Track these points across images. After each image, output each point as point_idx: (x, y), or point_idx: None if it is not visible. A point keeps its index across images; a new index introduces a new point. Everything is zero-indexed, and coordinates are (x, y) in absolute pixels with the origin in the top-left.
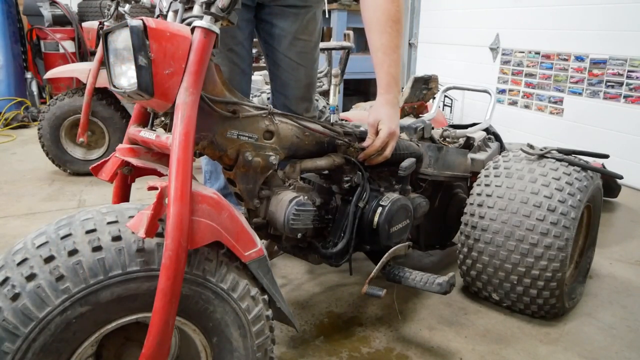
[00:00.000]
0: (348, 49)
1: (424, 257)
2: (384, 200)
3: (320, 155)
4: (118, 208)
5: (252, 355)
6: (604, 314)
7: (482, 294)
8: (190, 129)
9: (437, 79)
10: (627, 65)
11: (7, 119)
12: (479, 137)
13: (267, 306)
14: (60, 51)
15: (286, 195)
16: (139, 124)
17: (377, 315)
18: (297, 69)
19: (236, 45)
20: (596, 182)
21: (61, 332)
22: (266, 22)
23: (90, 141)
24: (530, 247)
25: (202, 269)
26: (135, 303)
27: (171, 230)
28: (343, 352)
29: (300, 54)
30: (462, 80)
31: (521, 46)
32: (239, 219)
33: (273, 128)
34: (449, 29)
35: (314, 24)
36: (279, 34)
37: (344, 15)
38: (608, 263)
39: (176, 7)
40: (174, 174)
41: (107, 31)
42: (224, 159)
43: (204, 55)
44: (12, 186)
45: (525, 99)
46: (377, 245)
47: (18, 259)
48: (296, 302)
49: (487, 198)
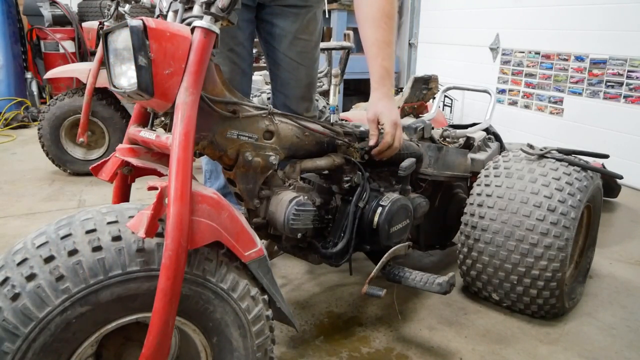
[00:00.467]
0: (348, 49)
1: (424, 257)
2: (384, 200)
3: (320, 155)
4: (118, 208)
5: (252, 355)
6: (604, 314)
7: (482, 294)
8: (190, 129)
9: (437, 79)
10: (627, 65)
11: (7, 119)
12: (479, 137)
13: (267, 306)
14: (60, 51)
15: (286, 195)
16: (139, 124)
17: (377, 315)
18: (297, 68)
19: (237, 46)
20: (596, 182)
21: (61, 332)
22: (267, 22)
23: (90, 141)
24: (530, 247)
25: (202, 269)
26: (135, 303)
27: (171, 230)
28: (343, 352)
29: (301, 53)
30: (462, 80)
31: (521, 46)
32: (239, 219)
33: (273, 128)
34: (449, 29)
35: (315, 24)
36: (279, 33)
37: (344, 15)
38: (608, 263)
39: (176, 7)
40: (174, 174)
41: (107, 31)
42: (224, 159)
43: (204, 55)
44: (12, 186)
45: (525, 99)
46: (377, 245)
47: (18, 259)
48: (296, 302)
49: (487, 198)
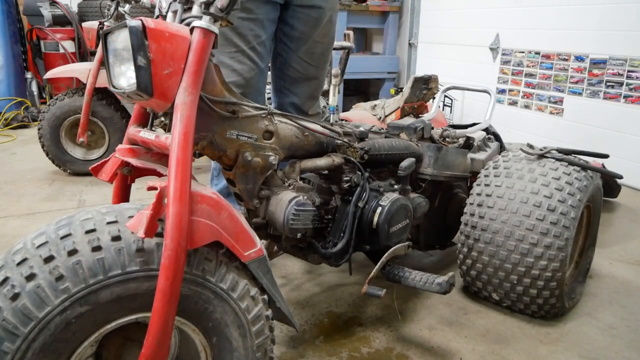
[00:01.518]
0: (348, 49)
1: (424, 257)
2: (384, 200)
3: (320, 155)
4: (118, 208)
5: (252, 355)
6: (604, 314)
7: (482, 294)
8: (190, 129)
9: (437, 79)
10: (627, 65)
11: (7, 119)
12: (479, 137)
13: (266, 306)
14: (60, 51)
15: (286, 195)
16: (138, 124)
17: (377, 315)
18: (308, 68)
19: (259, 45)
20: (596, 182)
21: (61, 332)
22: (286, 24)
23: (90, 141)
24: (530, 246)
25: (202, 269)
26: (135, 303)
27: (170, 230)
28: (343, 352)
29: (315, 55)
30: (462, 80)
31: (521, 46)
32: (239, 219)
33: (272, 128)
34: (449, 29)
35: (331, 26)
36: (298, 37)
37: (344, 15)
38: (608, 263)
39: (175, 8)
40: (174, 174)
41: (107, 31)
42: (223, 159)
43: (203, 55)
44: (12, 186)
45: (525, 99)
46: (376, 245)
47: (18, 259)
48: (296, 302)
49: (486, 198)
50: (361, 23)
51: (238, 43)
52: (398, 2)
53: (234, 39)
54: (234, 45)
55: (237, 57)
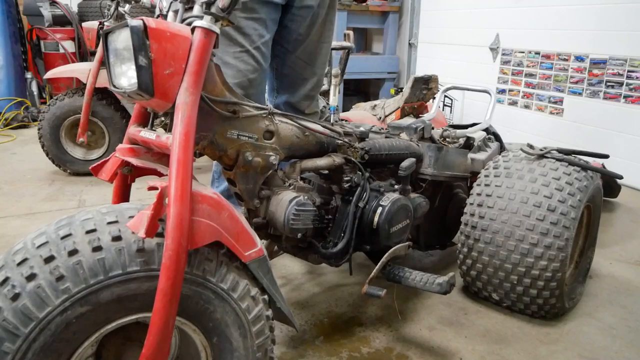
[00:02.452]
0: (348, 49)
1: (424, 257)
2: (384, 200)
3: (320, 155)
4: (118, 208)
5: (252, 355)
6: (604, 314)
7: (482, 294)
8: (191, 129)
9: (437, 79)
10: (627, 65)
11: (7, 119)
12: (479, 137)
13: (267, 306)
14: (60, 51)
15: (286, 195)
16: (139, 124)
17: (377, 315)
18: (306, 68)
19: (263, 45)
20: (596, 182)
21: (61, 332)
22: (285, 27)
23: (90, 141)
24: (530, 247)
25: (202, 269)
26: (135, 303)
27: (171, 230)
28: (343, 352)
29: (313, 55)
30: (462, 80)
31: (521, 46)
32: (239, 219)
33: (273, 128)
34: (449, 29)
35: (330, 26)
36: (296, 38)
37: (344, 15)
38: (608, 263)
39: (176, 7)
40: (174, 174)
41: (107, 31)
42: (224, 159)
43: (204, 55)
44: (12, 186)
45: (525, 99)
46: (377, 245)
47: (18, 259)
48: (296, 302)
49: (487, 198)
50: (361, 23)
51: (243, 43)
52: (398, 2)
53: (238, 38)
54: (239, 45)
55: (241, 57)
